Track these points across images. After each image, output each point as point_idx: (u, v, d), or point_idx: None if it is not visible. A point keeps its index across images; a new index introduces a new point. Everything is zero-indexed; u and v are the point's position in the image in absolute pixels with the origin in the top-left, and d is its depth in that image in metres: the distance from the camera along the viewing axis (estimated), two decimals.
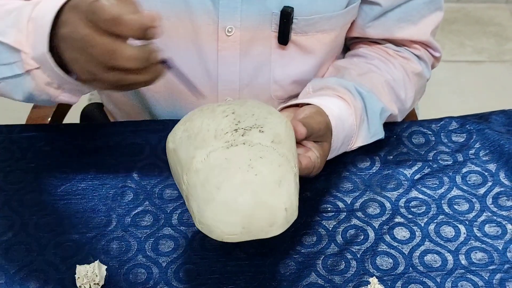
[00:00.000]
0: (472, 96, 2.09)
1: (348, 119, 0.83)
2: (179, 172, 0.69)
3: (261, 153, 0.67)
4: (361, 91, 0.87)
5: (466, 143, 0.91)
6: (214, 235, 0.66)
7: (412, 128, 0.93)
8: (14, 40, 0.72)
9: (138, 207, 0.83)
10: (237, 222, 0.65)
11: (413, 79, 0.95)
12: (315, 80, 0.92)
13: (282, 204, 0.66)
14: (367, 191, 0.85)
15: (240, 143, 0.67)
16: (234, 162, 0.66)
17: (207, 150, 0.67)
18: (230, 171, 0.65)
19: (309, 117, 0.78)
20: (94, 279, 0.73)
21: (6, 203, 0.83)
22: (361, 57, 0.96)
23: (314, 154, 0.77)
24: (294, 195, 0.68)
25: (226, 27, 0.87)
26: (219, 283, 0.75)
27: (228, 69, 0.90)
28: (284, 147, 0.69)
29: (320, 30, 0.89)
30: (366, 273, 0.76)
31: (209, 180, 0.65)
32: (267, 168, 0.66)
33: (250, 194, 0.65)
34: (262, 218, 0.65)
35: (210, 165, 0.66)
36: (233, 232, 0.65)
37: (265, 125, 0.69)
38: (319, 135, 0.78)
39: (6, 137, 0.91)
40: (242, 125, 0.69)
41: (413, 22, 0.93)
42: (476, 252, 0.78)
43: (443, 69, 2.15)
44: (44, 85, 0.73)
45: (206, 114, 0.71)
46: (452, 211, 0.82)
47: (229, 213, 0.64)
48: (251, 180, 0.65)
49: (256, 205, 0.65)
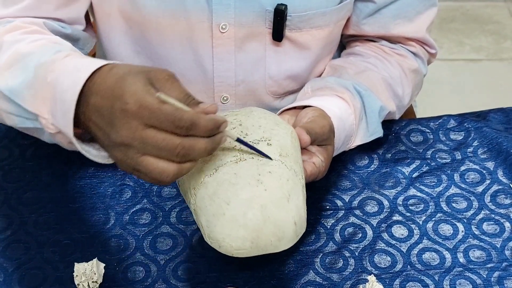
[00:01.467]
0: (471, 94, 2.09)
1: (348, 118, 0.83)
2: (186, 183, 0.69)
3: (270, 168, 0.67)
4: (359, 90, 0.87)
5: (464, 141, 0.91)
6: (223, 250, 0.66)
7: (410, 126, 0.93)
8: (32, 105, 0.71)
9: (137, 205, 0.83)
10: (246, 237, 0.65)
11: (409, 75, 0.95)
12: (314, 80, 0.92)
13: (291, 219, 0.66)
14: (365, 189, 0.85)
15: (248, 157, 0.67)
16: (243, 177, 0.66)
17: (216, 165, 0.67)
18: (239, 186, 0.65)
19: (312, 121, 0.78)
20: (92, 277, 0.73)
21: (5, 201, 0.83)
22: (358, 56, 0.96)
23: (318, 159, 0.77)
24: (302, 208, 0.68)
25: (220, 24, 0.87)
26: (217, 281, 0.75)
27: (223, 65, 0.91)
28: (291, 159, 0.69)
29: (314, 26, 0.89)
30: (364, 271, 0.76)
31: (218, 194, 0.66)
32: (276, 183, 0.66)
33: (260, 210, 0.65)
34: (272, 233, 0.65)
35: (219, 179, 0.66)
36: (242, 247, 0.65)
37: (272, 137, 0.69)
38: (323, 139, 0.78)
39: (5, 135, 0.91)
40: (250, 138, 0.69)
41: (409, 19, 0.93)
42: (474, 250, 0.78)
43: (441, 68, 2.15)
44: (67, 143, 0.72)
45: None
46: (450, 209, 0.82)
47: (238, 228, 0.65)
48: (260, 195, 0.65)
49: (265, 221, 0.65)
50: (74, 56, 0.72)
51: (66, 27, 0.88)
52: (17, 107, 0.73)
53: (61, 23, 0.87)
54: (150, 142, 0.60)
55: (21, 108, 0.73)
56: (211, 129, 0.61)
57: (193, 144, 0.61)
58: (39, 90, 0.70)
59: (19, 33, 0.80)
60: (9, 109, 0.75)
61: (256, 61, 0.92)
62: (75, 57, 0.71)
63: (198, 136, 0.61)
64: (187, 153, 0.61)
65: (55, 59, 0.71)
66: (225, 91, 0.93)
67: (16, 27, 0.81)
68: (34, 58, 0.73)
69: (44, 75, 0.70)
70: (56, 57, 0.71)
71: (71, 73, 0.66)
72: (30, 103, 0.71)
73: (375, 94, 0.89)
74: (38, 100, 0.70)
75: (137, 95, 0.60)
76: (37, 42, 0.77)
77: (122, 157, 0.63)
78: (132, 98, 0.60)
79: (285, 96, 0.97)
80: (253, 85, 0.94)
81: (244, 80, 0.93)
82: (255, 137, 0.69)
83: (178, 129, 0.60)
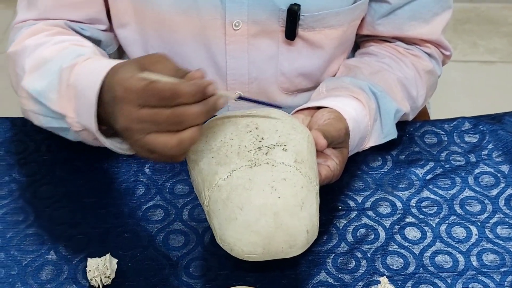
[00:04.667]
0: (484, 96, 2.08)
1: (363, 120, 0.83)
2: (200, 184, 0.69)
3: (284, 174, 0.67)
4: (375, 91, 0.87)
5: (479, 144, 0.90)
6: (234, 253, 0.67)
7: (424, 127, 0.93)
8: (58, 105, 0.75)
9: (150, 202, 0.83)
10: (257, 243, 0.65)
11: (424, 76, 0.95)
12: (329, 80, 0.92)
13: (303, 227, 0.66)
14: (378, 190, 0.85)
15: (263, 163, 0.67)
16: (257, 183, 0.66)
17: (230, 168, 0.67)
18: (253, 192, 0.66)
19: (328, 124, 0.77)
20: (105, 272, 0.73)
21: (20, 195, 0.84)
22: (372, 56, 0.95)
23: (333, 163, 0.77)
24: (315, 216, 0.68)
25: (234, 21, 0.87)
26: (228, 279, 0.75)
27: (236, 62, 0.91)
28: (306, 165, 0.69)
29: (327, 26, 0.89)
30: (376, 273, 0.75)
31: (231, 199, 0.66)
32: (290, 191, 0.66)
33: (272, 217, 0.65)
34: (283, 241, 0.66)
35: (233, 184, 0.66)
36: (253, 252, 0.66)
37: (288, 142, 0.69)
38: (339, 142, 0.77)
39: (20, 129, 0.92)
40: (266, 143, 0.68)
41: (425, 20, 0.92)
42: (488, 254, 0.77)
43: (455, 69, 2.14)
44: (92, 139, 0.75)
45: (229, 127, 0.70)
46: (464, 212, 0.82)
47: (250, 234, 0.65)
48: (273, 202, 0.65)
49: (277, 228, 0.65)
50: (95, 59, 0.76)
51: (85, 29, 0.89)
52: (44, 108, 0.78)
53: (81, 25, 0.89)
54: (146, 120, 0.63)
55: (48, 108, 0.77)
56: (194, 94, 0.63)
57: (184, 110, 0.63)
58: (63, 92, 0.74)
59: (42, 36, 0.83)
60: (36, 109, 0.79)
61: (268, 59, 0.92)
62: (95, 60, 0.75)
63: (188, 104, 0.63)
64: (181, 119, 0.63)
65: (76, 62, 0.75)
66: (238, 88, 0.93)
67: (39, 29, 0.85)
68: (57, 62, 0.77)
69: (67, 78, 0.74)
70: (77, 61, 0.75)
71: (90, 74, 0.69)
72: (56, 104, 0.75)
73: (390, 95, 0.88)
74: (63, 101, 0.74)
75: (122, 81, 0.64)
76: (59, 45, 0.81)
77: (131, 142, 0.67)
78: (118, 85, 0.65)
79: (297, 93, 0.97)
80: (265, 82, 0.94)
81: (257, 77, 0.93)
82: (271, 141, 0.69)
83: (164, 101, 0.62)
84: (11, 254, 0.77)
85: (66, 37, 0.84)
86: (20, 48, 0.83)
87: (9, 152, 0.89)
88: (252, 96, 0.94)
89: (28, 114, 0.83)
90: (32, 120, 0.83)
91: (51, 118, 0.78)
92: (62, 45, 0.81)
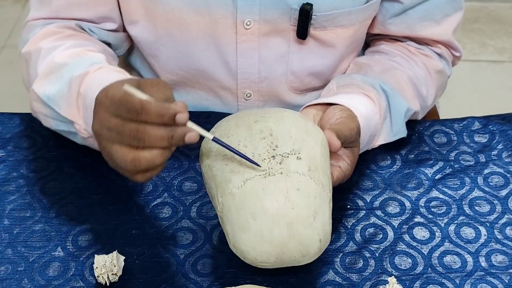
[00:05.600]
0: (493, 96, 2.07)
1: (374, 118, 0.83)
2: (213, 189, 0.70)
3: (298, 184, 0.67)
4: (385, 89, 0.86)
5: (488, 144, 0.90)
6: (247, 261, 0.68)
7: (434, 127, 0.92)
8: (67, 112, 0.78)
9: (157, 199, 0.83)
10: (271, 252, 0.66)
11: (434, 76, 0.94)
12: (339, 77, 0.91)
13: (316, 236, 0.67)
14: (387, 190, 0.84)
15: (277, 173, 0.67)
16: (271, 193, 0.66)
17: (244, 177, 0.67)
18: (267, 203, 0.66)
19: (341, 123, 0.77)
20: (112, 269, 0.73)
21: (28, 191, 0.84)
22: (383, 54, 0.95)
23: (345, 163, 0.77)
24: (328, 224, 0.69)
25: (245, 20, 0.87)
26: (236, 277, 0.74)
27: (246, 61, 0.90)
28: (320, 172, 0.69)
29: (339, 25, 0.88)
30: (384, 272, 0.75)
31: (245, 209, 0.66)
32: (303, 201, 0.66)
33: (286, 228, 0.66)
34: (296, 250, 0.67)
35: (247, 193, 0.66)
36: (266, 260, 0.67)
37: (302, 149, 0.69)
38: (351, 141, 0.77)
39: (29, 125, 0.92)
40: (280, 151, 0.68)
41: (436, 21, 0.92)
42: (497, 255, 0.77)
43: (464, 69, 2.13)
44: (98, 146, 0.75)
45: (243, 132, 0.70)
46: (473, 212, 0.82)
47: (263, 243, 0.66)
48: (287, 213, 0.66)
49: (290, 238, 0.66)
50: (106, 70, 0.78)
51: (95, 32, 0.90)
52: (53, 112, 0.80)
53: (92, 26, 0.90)
54: (113, 129, 0.65)
55: (58, 113, 0.79)
56: (161, 115, 0.62)
57: (146, 129, 0.63)
58: (73, 100, 0.77)
59: (55, 39, 0.85)
60: (46, 112, 0.82)
61: (279, 58, 0.91)
62: (106, 71, 0.78)
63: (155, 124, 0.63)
64: (142, 137, 0.63)
65: (88, 71, 0.77)
66: (248, 87, 0.93)
67: (52, 32, 0.86)
68: (69, 69, 0.79)
69: (77, 87, 0.77)
70: (89, 70, 0.78)
71: (100, 85, 0.70)
72: (65, 110, 0.78)
73: (400, 93, 0.88)
74: (72, 108, 0.77)
75: (108, 88, 0.67)
76: (72, 50, 0.83)
77: (100, 148, 0.69)
78: (103, 91, 0.67)
79: (307, 93, 0.97)
80: (275, 81, 0.93)
81: (267, 76, 0.93)
82: (285, 149, 0.68)
83: (132, 114, 0.63)
84: (18, 250, 0.77)
85: (79, 41, 0.86)
86: (33, 50, 0.85)
87: (17, 147, 0.89)
88: (262, 94, 0.94)
89: (38, 116, 0.85)
90: (41, 121, 0.85)
91: (60, 122, 0.80)
92: (75, 51, 0.83)
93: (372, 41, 1.00)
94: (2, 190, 0.84)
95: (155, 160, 0.64)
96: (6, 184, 0.85)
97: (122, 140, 0.64)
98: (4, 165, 0.87)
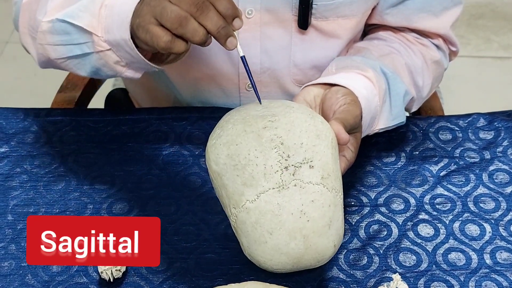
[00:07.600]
0: (498, 93, 2.06)
1: (374, 99, 0.82)
2: (225, 198, 0.70)
3: (312, 196, 0.67)
4: (386, 72, 0.86)
5: (493, 141, 0.89)
6: (263, 268, 0.69)
7: (439, 123, 0.92)
8: (87, 23, 0.78)
9: (161, 193, 0.83)
10: (287, 262, 0.68)
11: (431, 66, 0.94)
12: (339, 58, 0.90)
13: (331, 243, 0.68)
14: (392, 187, 0.84)
15: (291, 185, 0.67)
16: (286, 207, 0.67)
17: (257, 191, 0.67)
18: (283, 218, 0.66)
19: (345, 111, 0.76)
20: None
21: (31, 187, 0.84)
22: (381, 40, 0.95)
23: (349, 152, 0.76)
24: (341, 228, 0.69)
25: (246, 9, 0.87)
26: (240, 273, 0.74)
27: (248, 51, 0.90)
28: (332, 178, 0.69)
29: (340, 16, 0.88)
30: (389, 269, 0.75)
31: (260, 224, 0.67)
32: (318, 213, 0.67)
33: (302, 240, 0.67)
34: (312, 258, 0.68)
35: (261, 208, 0.67)
36: (282, 269, 0.69)
37: (314, 156, 0.68)
38: (354, 128, 0.77)
39: (33, 121, 0.92)
40: (292, 161, 0.68)
41: (434, 14, 0.91)
42: (501, 252, 0.77)
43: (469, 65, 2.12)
44: (113, 63, 0.79)
45: (252, 141, 0.68)
46: (478, 209, 0.81)
47: (280, 255, 0.67)
48: (303, 226, 0.66)
49: (307, 249, 0.67)
50: None
51: None
52: (67, 36, 0.80)
53: None
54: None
55: (73, 33, 0.79)
56: (231, 5, 0.69)
57: (211, 7, 0.69)
58: (96, 10, 0.78)
59: None
60: (56, 40, 0.82)
61: (281, 49, 0.91)
62: None
63: (217, 10, 0.69)
64: (203, 7, 0.69)
65: None
66: None
67: None
68: None
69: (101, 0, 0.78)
70: None
71: None
72: (86, 21, 0.78)
73: (400, 77, 0.88)
74: (94, 21, 0.78)
75: None
76: None
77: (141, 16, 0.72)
78: None
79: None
80: (278, 73, 0.93)
81: (270, 67, 0.92)
82: (297, 159, 0.68)
83: None
84: (22, 246, 0.77)
85: None
86: None
87: (20, 143, 0.89)
88: (264, 86, 0.93)
89: (45, 50, 0.84)
90: (49, 54, 0.84)
91: (73, 46, 0.80)
92: None
93: (370, 30, 1.00)
94: (6, 186, 0.84)
95: (185, 49, 0.71)
96: (10, 179, 0.84)
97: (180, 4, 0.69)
98: (7, 161, 0.87)
